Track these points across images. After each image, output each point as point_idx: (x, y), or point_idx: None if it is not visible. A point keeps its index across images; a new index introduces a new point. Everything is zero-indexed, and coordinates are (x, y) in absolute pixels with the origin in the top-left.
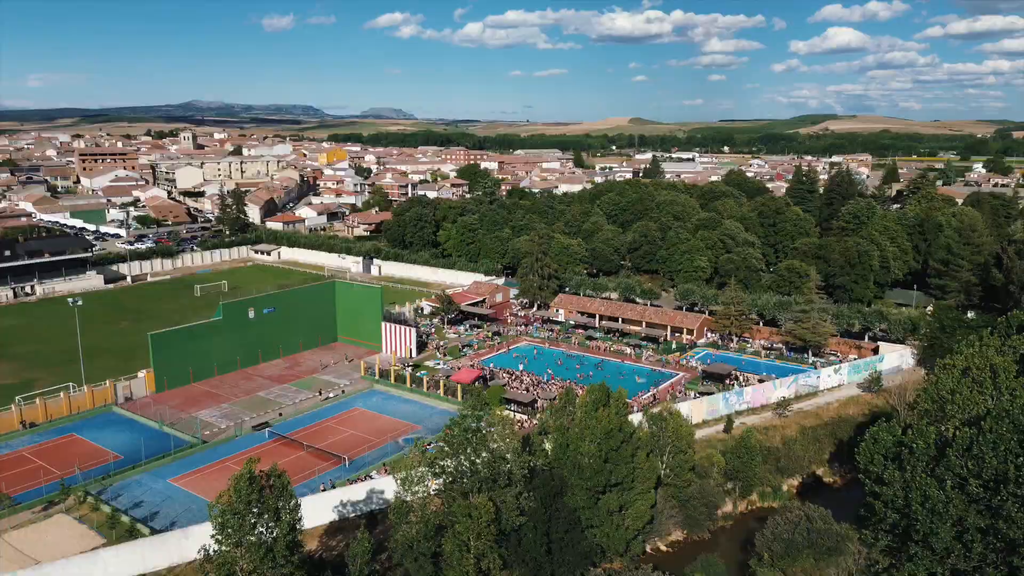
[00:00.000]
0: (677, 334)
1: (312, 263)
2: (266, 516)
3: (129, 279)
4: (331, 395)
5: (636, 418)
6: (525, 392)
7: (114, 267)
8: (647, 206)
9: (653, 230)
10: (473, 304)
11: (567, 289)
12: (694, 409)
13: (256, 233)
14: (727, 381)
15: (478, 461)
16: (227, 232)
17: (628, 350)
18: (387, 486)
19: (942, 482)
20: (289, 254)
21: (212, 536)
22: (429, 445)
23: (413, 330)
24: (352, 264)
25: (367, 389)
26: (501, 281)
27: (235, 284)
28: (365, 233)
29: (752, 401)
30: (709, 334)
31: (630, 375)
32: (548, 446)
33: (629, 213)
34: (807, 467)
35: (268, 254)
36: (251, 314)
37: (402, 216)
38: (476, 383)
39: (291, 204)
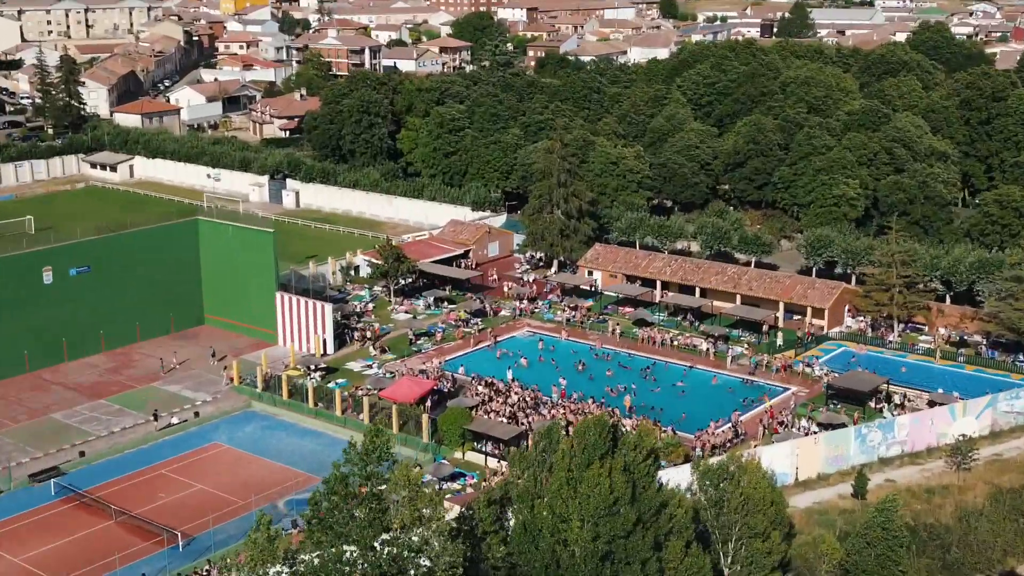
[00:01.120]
0: (796, 317)
1: (184, 186)
2: None
3: None
4: (175, 421)
5: (679, 476)
6: (509, 420)
7: None
8: (764, 88)
9: (770, 130)
10: (444, 261)
11: (610, 236)
12: (802, 454)
13: (96, 134)
14: (872, 403)
15: (372, 555)
16: (49, 131)
17: (704, 345)
18: None
19: None
20: (148, 169)
21: None
22: (296, 520)
23: (329, 307)
24: (252, 188)
25: (240, 410)
26: (501, 220)
27: (50, 222)
28: (283, 134)
29: (911, 440)
30: (853, 318)
31: (702, 389)
32: (512, 522)
33: (732, 101)
34: (999, 563)
35: (114, 169)
36: (47, 278)
37: (337, 105)
38: (423, 403)
39: (167, 83)
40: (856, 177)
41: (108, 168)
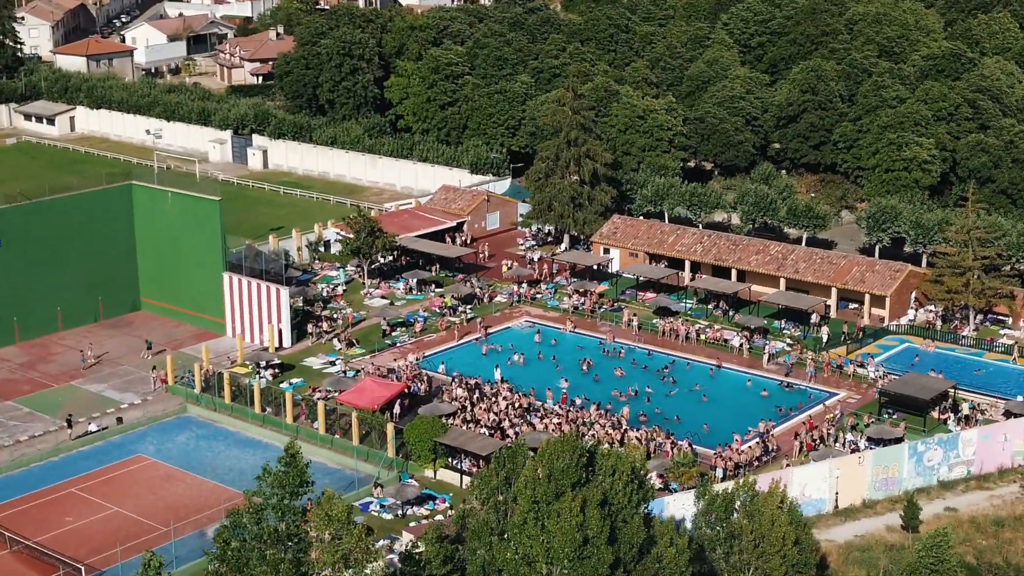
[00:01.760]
0: (853, 305)
1: (133, 142)
2: None
3: None
4: (93, 428)
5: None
6: (492, 432)
7: None
8: (827, 27)
9: (832, 79)
10: (434, 235)
11: (633, 206)
12: (844, 476)
13: (32, 79)
14: (935, 412)
15: None
16: None
17: (736, 340)
18: None
19: None
20: (92, 122)
21: None
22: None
23: (285, 291)
24: (212, 146)
25: (173, 415)
26: (505, 186)
27: None
28: (255, 80)
29: (980, 460)
30: (919, 308)
31: (731, 394)
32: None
33: (787, 42)
34: None
35: (51, 122)
36: None
37: (314, 46)
38: (390, 410)
39: (124, 19)
40: (931, 135)
41: (45, 120)
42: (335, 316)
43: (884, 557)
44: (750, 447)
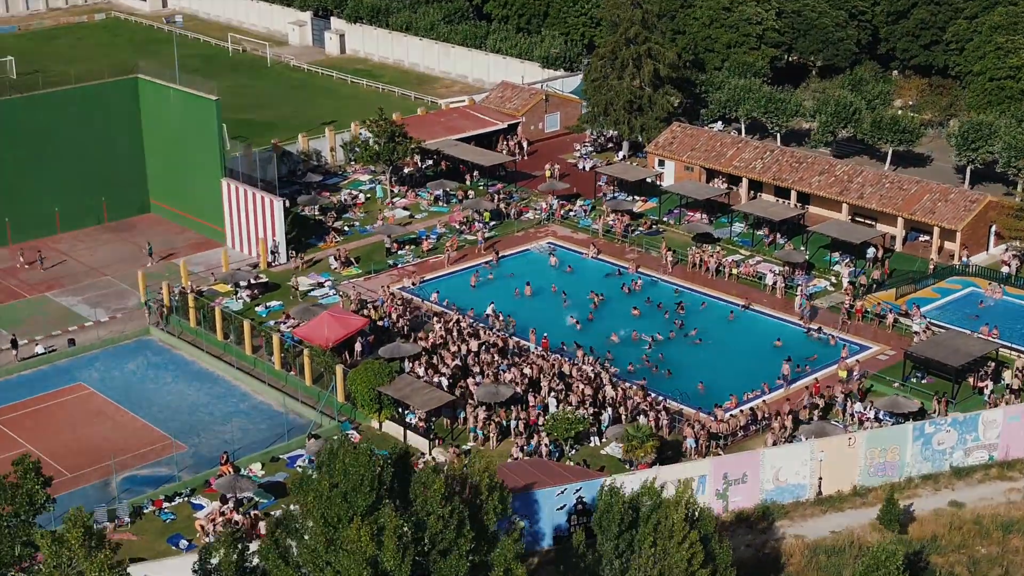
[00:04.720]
0: (924, 238)
1: (220, 20)
2: None
3: None
4: (39, 350)
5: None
6: (452, 382)
7: None
8: None
9: None
10: (479, 138)
11: (706, 111)
12: (830, 459)
13: None
14: (974, 379)
15: None
16: None
17: (770, 276)
18: None
19: None
20: None
21: None
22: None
23: (279, 202)
24: (292, 28)
25: (132, 339)
26: (575, 83)
27: (44, 64)
28: None
29: (1005, 445)
30: (1000, 246)
31: (748, 343)
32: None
33: None
34: None
35: None
36: None
37: None
38: (349, 348)
39: None
40: None
41: None
42: (344, 229)
43: (854, 564)
44: (733, 416)
